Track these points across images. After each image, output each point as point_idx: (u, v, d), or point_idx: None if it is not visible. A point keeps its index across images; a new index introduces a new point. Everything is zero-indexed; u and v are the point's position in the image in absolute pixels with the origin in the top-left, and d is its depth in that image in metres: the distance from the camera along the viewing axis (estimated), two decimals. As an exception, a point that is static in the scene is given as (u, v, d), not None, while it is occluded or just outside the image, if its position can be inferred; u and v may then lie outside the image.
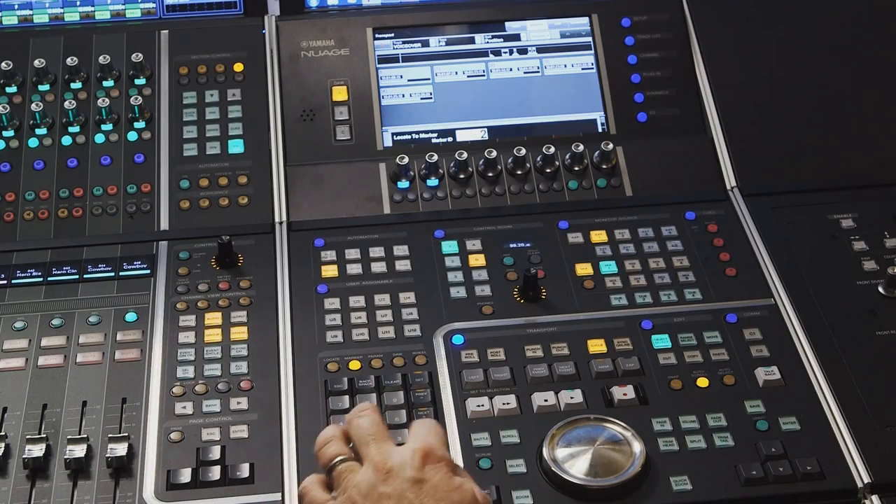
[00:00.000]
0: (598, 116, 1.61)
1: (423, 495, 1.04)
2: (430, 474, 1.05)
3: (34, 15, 1.67)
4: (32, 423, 1.26)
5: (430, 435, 1.10)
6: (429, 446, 1.07)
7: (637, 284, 1.43)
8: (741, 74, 1.63)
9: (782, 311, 1.39)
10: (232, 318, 1.38)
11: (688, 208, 1.52)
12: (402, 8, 1.70)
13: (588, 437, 1.21)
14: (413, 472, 1.05)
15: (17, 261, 1.44)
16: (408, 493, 1.04)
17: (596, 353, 1.34)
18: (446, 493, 1.05)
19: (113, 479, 1.21)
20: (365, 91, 1.60)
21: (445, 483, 1.05)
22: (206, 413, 1.27)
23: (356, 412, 1.13)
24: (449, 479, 1.06)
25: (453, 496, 1.05)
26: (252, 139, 1.57)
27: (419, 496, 1.04)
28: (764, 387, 1.30)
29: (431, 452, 1.07)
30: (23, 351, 1.33)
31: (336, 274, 1.44)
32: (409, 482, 1.05)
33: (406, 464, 1.06)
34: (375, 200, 1.53)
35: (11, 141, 1.55)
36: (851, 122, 1.60)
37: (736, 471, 1.21)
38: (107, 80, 1.59)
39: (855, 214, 1.50)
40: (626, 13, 1.66)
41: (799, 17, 1.68)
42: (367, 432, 1.11)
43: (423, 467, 1.05)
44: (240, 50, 1.64)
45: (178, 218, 1.50)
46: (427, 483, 1.05)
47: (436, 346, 1.35)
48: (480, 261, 1.46)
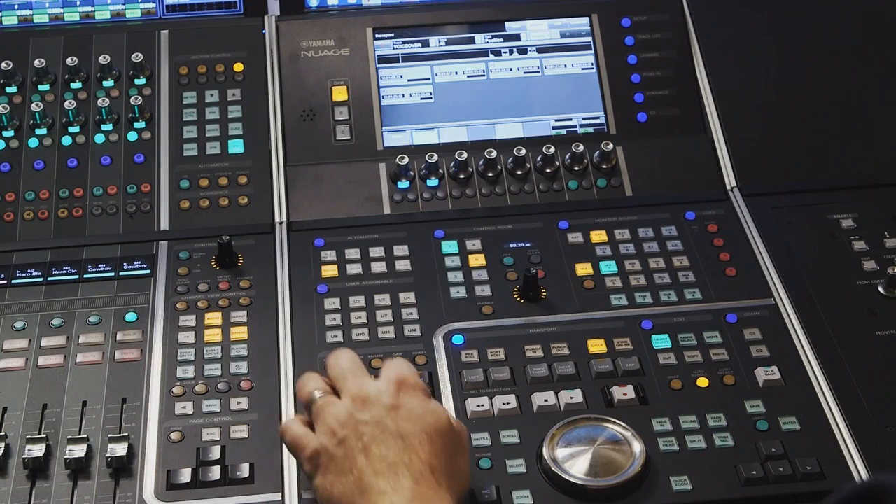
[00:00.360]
0: (599, 116, 1.61)
1: (400, 419, 1.09)
2: (406, 400, 1.11)
3: (34, 15, 1.67)
4: (32, 423, 1.26)
5: (403, 367, 1.16)
6: (403, 375, 1.13)
7: (637, 284, 1.43)
8: (741, 74, 1.63)
9: (782, 311, 1.39)
10: (232, 318, 1.38)
11: (688, 208, 1.52)
12: (402, 8, 1.70)
13: (588, 437, 1.21)
14: (389, 399, 1.11)
15: (17, 261, 1.44)
16: (385, 419, 1.09)
17: (596, 353, 1.34)
18: (421, 415, 1.10)
19: (113, 479, 1.21)
20: (365, 91, 1.60)
21: (420, 407, 1.11)
22: (206, 413, 1.27)
23: (333, 354, 1.19)
24: (424, 403, 1.12)
25: (428, 418, 1.10)
26: (252, 139, 1.57)
27: (395, 420, 1.09)
28: (764, 387, 1.30)
29: (406, 381, 1.13)
30: (23, 351, 1.33)
31: (336, 274, 1.44)
32: (386, 409, 1.10)
33: (382, 392, 1.11)
34: (375, 200, 1.53)
35: (11, 141, 1.55)
36: (851, 122, 1.60)
37: (736, 471, 1.21)
38: (107, 80, 1.60)
39: (855, 214, 1.50)
40: (626, 13, 1.66)
41: (799, 17, 1.68)
42: (344, 368, 1.16)
43: (398, 394, 1.11)
44: (240, 50, 1.64)
45: (178, 218, 1.50)
46: (403, 408, 1.10)
47: (436, 346, 1.35)
48: (480, 261, 1.46)
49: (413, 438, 1.08)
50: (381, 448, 1.07)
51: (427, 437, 1.08)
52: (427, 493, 1.05)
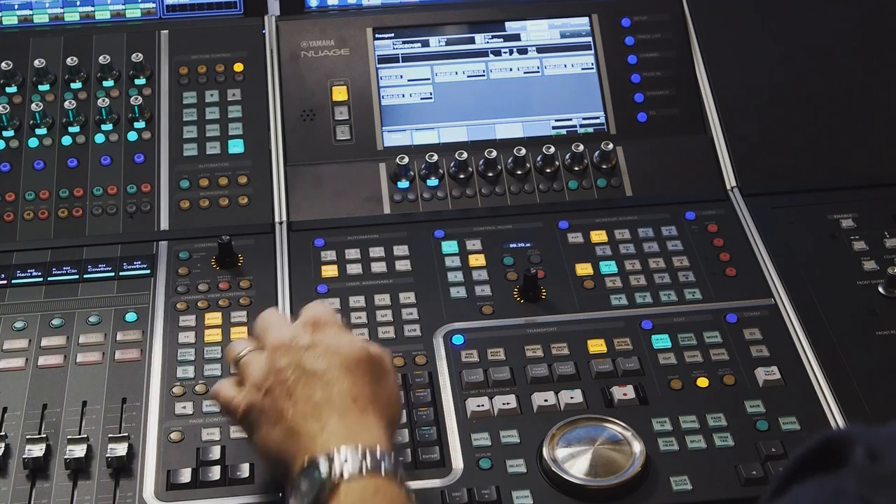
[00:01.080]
0: (599, 116, 1.61)
1: (316, 357, 1.10)
2: (320, 337, 1.12)
3: (34, 15, 1.67)
4: (32, 423, 1.26)
5: (319, 307, 1.17)
6: (316, 315, 1.15)
7: (637, 284, 1.43)
8: (741, 74, 1.63)
9: (782, 311, 1.39)
10: (232, 318, 1.38)
11: (688, 208, 1.52)
12: (402, 8, 1.70)
13: (588, 437, 1.21)
14: (305, 339, 1.11)
15: (17, 261, 1.44)
16: (302, 360, 1.10)
17: (596, 353, 1.34)
18: (336, 349, 1.11)
19: (113, 479, 1.21)
20: (365, 91, 1.60)
21: (334, 341, 1.12)
22: (206, 413, 1.27)
23: (259, 316, 1.20)
24: (338, 337, 1.12)
25: (343, 350, 1.11)
26: (252, 139, 1.57)
27: (312, 360, 1.10)
28: (764, 387, 1.30)
29: (319, 320, 1.14)
30: (23, 351, 1.33)
31: (336, 274, 1.44)
32: (303, 349, 1.11)
33: (297, 336, 1.12)
34: (375, 200, 1.53)
35: (11, 141, 1.55)
36: (851, 122, 1.60)
37: (736, 471, 1.21)
38: (107, 80, 1.60)
39: (855, 214, 1.50)
40: (626, 13, 1.66)
41: (799, 17, 1.68)
42: (267, 322, 1.18)
43: (313, 333, 1.12)
44: (240, 50, 1.64)
45: (178, 218, 1.50)
46: (318, 346, 1.11)
47: (436, 346, 1.35)
48: (480, 261, 1.46)
49: (331, 373, 1.09)
50: (304, 390, 1.08)
51: (345, 369, 1.09)
52: (353, 426, 1.06)
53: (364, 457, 1.02)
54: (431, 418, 1.26)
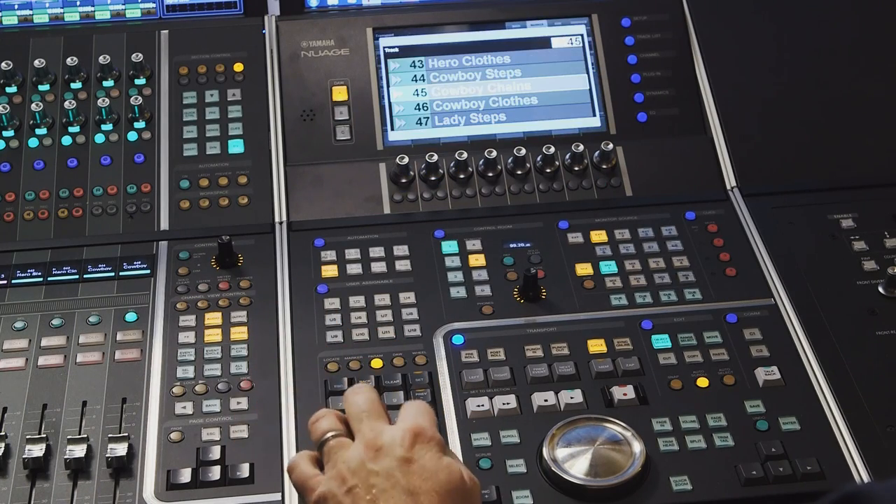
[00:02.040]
0: (598, 116, 1.61)
1: (411, 474, 1.04)
2: (420, 454, 1.06)
3: (34, 15, 1.67)
4: (32, 423, 1.26)
5: (421, 416, 1.10)
6: (419, 426, 1.07)
7: (637, 284, 1.43)
8: (741, 74, 1.63)
9: (782, 311, 1.39)
10: (232, 318, 1.38)
11: (688, 208, 1.52)
12: (402, 8, 1.70)
13: (588, 437, 1.21)
14: (403, 451, 1.05)
15: (17, 261, 1.44)
16: (396, 472, 1.04)
17: (596, 353, 1.34)
18: (433, 472, 1.05)
19: (113, 479, 1.21)
20: (365, 91, 1.60)
21: (434, 462, 1.05)
22: (206, 413, 1.27)
23: (352, 390, 1.14)
24: (437, 459, 1.06)
25: (440, 476, 1.05)
26: (252, 139, 1.57)
27: (406, 475, 1.04)
28: (764, 387, 1.30)
29: (422, 432, 1.07)
30: (23, 351, 1.33)
31: (336, 274, 1.44)
32: (398, 461, 1.05)
33: (396, 443, 1.06)
34: (375, 200, 1.53)
35: (11, 141, 1.55)
36: (851, 122, 1.60)
37: (736, 471, 1.21)
38: (107, 80, 1.60)
39: (855, 214, 1.50)
40: (626, 13, 1.66)
41: (799, 17, 1.68)
42: (361, 409, 1.11)
43: (412, 447, 1.06)
44: (240, 50, 1.64)
45: (178, 218, 1.50)
46: (415, 462, 1.05)
47: (436, 346, 1.35)
48: (480, 261, 1.46)
49: (423, 497, 1.03)
50: (388, 502, 1.03)
51: (438, 498, 1.04)
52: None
53: None
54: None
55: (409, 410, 1.11)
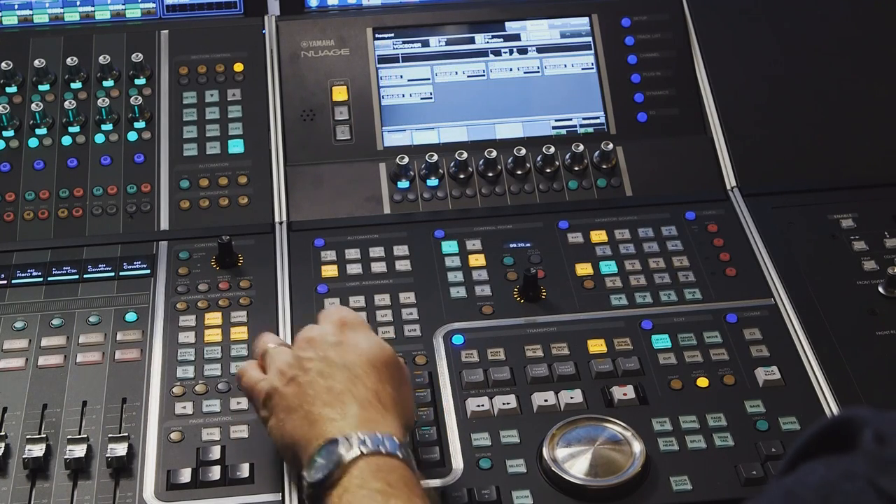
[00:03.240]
0: (599, 116, 1.61)
1: (345, 352, 1.13)
2: (350, 335, 1.15)
3: (34, 15, 1.67)
4: (32, 423, 1.26)
5: (343, 310, 1.20)
6: (344, 316, 1.18)
7: (637, 284, 1.43)
8: (741, 74, 1.63)
9: (782, 311, 1.39)
10: (232, 317, 1.38)
11: (688, 208, 1.52)
12: (402, 8, 1.70)
13: (588, 437, 1.21)
14: (333, 336, 1.15)
15: (17, 261, 1.44)
16: (330, 352, 1.13)
17: (596, 353, 1.34)
18: (366, 348, 1.14)
19: (113, 479, 1.21)
20: (365, 91, 1.60)
21: (365, 340, 1.15)
22: (206, 413, 1.27)
23: None
24: (368, 337, 1.16)
25: (374, 349, 1.14)
26: (252, 139, 1.57)
27: (341, 353, 1.13)
28: (764, 387, 1.30)
29: (347, 320, 1.17)
30: (23, 351, 1.33)
31: (336, 274, 1.44)
32: (330, 344, 1.14)
33: (326, 332, 1.16)
34: (375, 200, 1.53)
35: (11, 141, 1.55)
36: (851, 122, 1.60)
37: (736, 471, 1.21)
38: (107, 80, 1.60)
39: (855, 214, 1.50)
40: (626, 13, 1.66)
41: (799, 16, 1.68)
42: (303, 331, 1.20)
43: (341, 331, 1.15)
44: (240, 50, 1.64)
45: (178, 218, 1.50)
46: (347, 343, 1.15)
47: (436, 346, 1.35)
48: (480, 261, 1.46)
49: (358, 368, 1.12)
50: (327, 380, 1.11)
51: (372, 367, 1.12)
52: (374, 417, 1.08)
53: (382, 443, 1.05)
54: (431, 418, 1.26)
55: (330, 309, 1.21)
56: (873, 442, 0.74)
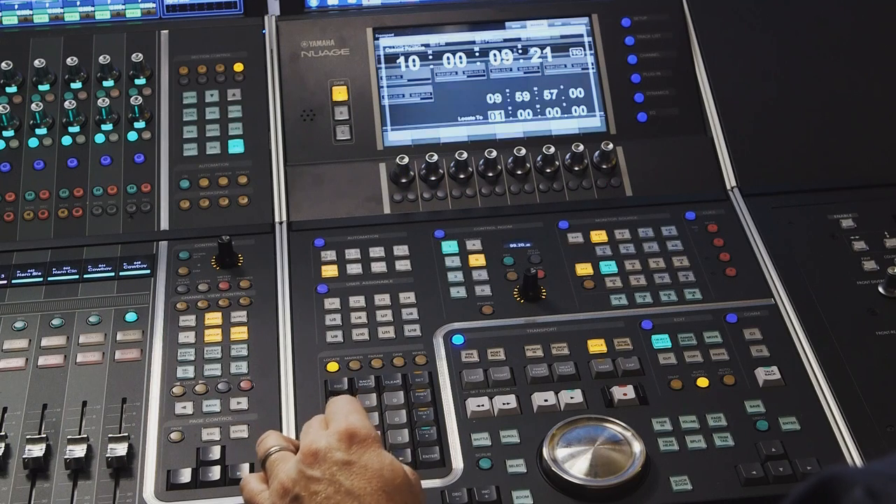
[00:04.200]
0: (599, 116, 1.61)
1: (353, 475, 1.04)
2: (359, 454, 1.05)
3: (34, 15, 1.67)
4: (32, 423, 1.26)
5: (352, 414, 1.09)
6: (353, 427, 1.07)
7: (637, 284, 1.43)
8: (741, 74, 1.63)
9: (782, 311, 1.39)
10: (232, 318, 1.38)
11: (688, 208, 1.52)
12: (402, 8, 1.70)
13: (588, 437, 1.21)
14: (341, 454, 1.05)
15: (17, 261, 1.44)
16: (337, 475, 1.04)
17: (596, 353, 1.34)
18: (377, 471, 1.04)
19: (113, 479, 1.21)
20: (365, 91, 1.60)
21: (375, 461, 1.05)
22: (206, 413, 1.27)
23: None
24: (378, 458, 1.05)
25: (384, 474, 1.04)
26: (252, 139, 1.57)
27: (349, 477, 1.04)
28: (764, 387, 1.30)
29: (356, 432, 1.06)
30: (23, 351, 1.33)
31: (336, 274, 1.44)
32: (338, 464, 1.04)
33: (333, 446, 1.05)
34: (375, 200, 1.53)
35: (11, 141, 1.55)
36: (851, 122, 1.60)
37: (736, 471, 1.21)
38: (107, 80, 1.60)
39: (855, 214, 1.50)
40: (626, 13, 1.66)
41: (799, 17, 1.68)
42: (309, 424, 1.11)
43: (350, 448, 1.05)
44: (240, 50, 1.64)
45: (178, 218, 1.50)
46: (356, 464, 1.04)
47: (436, 346, 1.35)
48: (480, 261, 1.46)
49: (370, 498, 1.03)
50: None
51: (385, 496, 1.03)
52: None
53: None
54: (431, 418, 1.26)
55: (337, 409, 1.11)
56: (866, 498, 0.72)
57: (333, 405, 1.12)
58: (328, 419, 1.10)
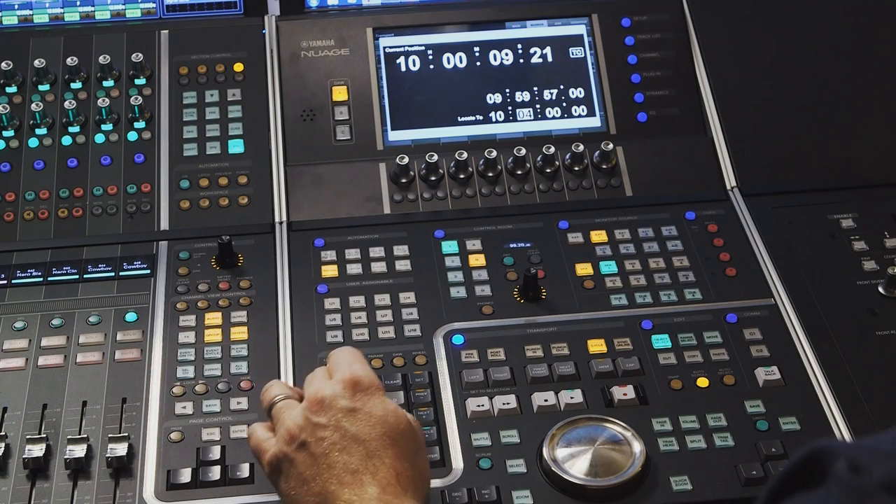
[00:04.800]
0: (598, 116, 1.61)
1: (358, 422, 1.07)
2: (363, 401, 1.09)
3: (34, 15, 1.67)
4: (32, 423, 1.26)
5: (355, 363, 1.13)
6: (357, 375, 1.10)
7: (637, 284, 1.43)
8: (741, 74, 1.63)
9: (782, 311, 1.39)
10: (232, 318, 1.38)
11: (688, 208, 1.52)
12: (402, 8, 1.70)
13: (588, 437, 1.21)
14: (346, 401, 1.08)
15: (17, 261, 1.44)
16: (343, 422, 1.07)
17: (596, 353, 1.34)
18: (381, 418, 1.08)
19: (113, 479, 1.21)
20: (365, 91, 1.60)
21: (379, 409, 1.08)
22: (206, 413, 1.27)
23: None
24: (382, 405, 1.09)
25: (388, 420, 1.08)
26: (252, 139, 1.57)
27: (354, 423, 1.07)
28: (764, 387, 1.30)
29: (360, 381, 1.10)
30: (23, 351, 1.33)
31: (336, 274, 1.44)
32: (343, 411, 1.07)
33: (338, 394, 1.09)
34: (375, 200, 1.53)
35: (11, 141, 1.55)
36: (851, 122, 1.60)
37: (736, 471, 1.21)
38: (107, 80, 1.60)
39: (855, 214, 1.50)
40: (626, 13, 1.66)
41: (799, 16, 1.68)
42: (313, 375, 1.14)
43: (354, 395, 1.09)
44: (240, 50, 1.64)
45: (178, 218, 1.50)
46: (361, 411, 1.08)
47: (436, 346, 1.35)
48: (480, 261, 1.46)
49: (375, 443, 1.06)
50: (343, 455, 1.05)
51: (390, 441, 1.06)
52: (392, 501, 1.03)
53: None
54: (431, 418, 1.26)
55: (340, 360, 1.14)
56: (848, 471, 0.73)
57: (337, 356, 1.15)
58: (331, 370, 1.14)
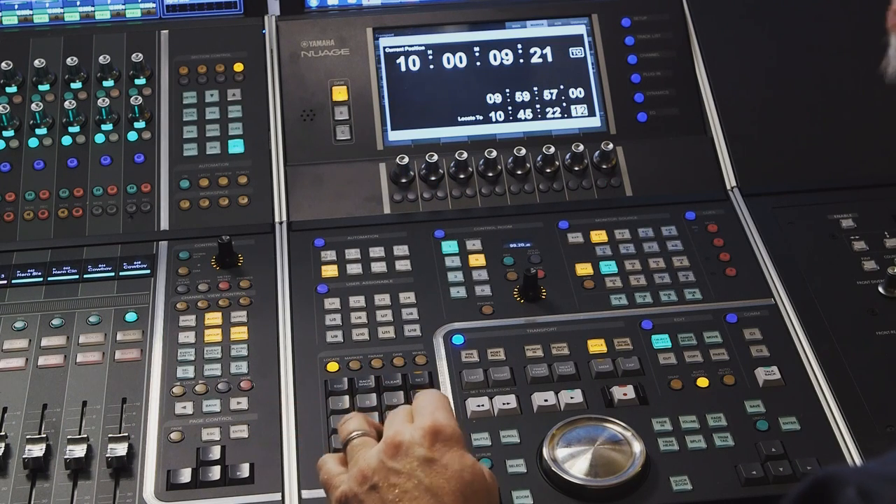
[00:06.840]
0: (598, 116, 1.61)
1: (434, 473, 1.03)
2: (441, 453, 1.05)
3: (34, 15, 1.67)
4: (32, 423, 1.26)
5: (438, 410, 1.08)
6: (438, 424, 1.06)
7: (637, 284, 1.43)
8: (741, 74, 1.63)
9: (782, 311, 1.39)
10: (232, 317, 1.38)
11: (688, 208, 1.52)
12: (402, 8, 1.70)
13: (588, 437, 1.21)
14: (424, 450, 1.04)
15: (17, 261, 1.44)
16: (418, 471, 1.03)
17: (596, 353, 1.34)
18: (457, 472, 1.04)
19: (113, 479, 1.21)
20: (365, 91, 1.60)
21: (457, 462, 1.05)
22: (206, 413, 1.27)
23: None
24: (460, 458, 1.05)
25: (464, 475, 1.04)
26: (252, 139, 1.57)
27: (429, 474, 1.03)
28: (764, 387, 1.30)
29: (441, 430, 1.06)
30: (23, 351, 1.33)
31: (336, 274, 1.44)
32: (420, 460, 1.04)
33: (416, 441, 1.05)
34: (375, 200, 1.53)
35: (11, 141, 1.55)
36: (851, 121, 1.60)
37: (736, 471, 1.21)
38: (107, 80, 1.60)
39: (855, 214, 1.50)
40: (626, 13, 1.66)
41: (799, 16, 1.68)
42: (399, 411, 1.11)
43: (433, 445, 1.05)
44: (240, 50, 1.64)
45: (178, 218, 1.50)
46: (438, 462, 1.04)
47: (436, 346, 1.35)
48: (480, 261, 1.46)
49: (447, 498, 1.02)
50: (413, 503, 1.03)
51: (462, 498, 1.03)
52: None
53: None
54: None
55: (425, 404, 1.10)
56: (858, 499, 0.72)
57: (422, 399, 1.11)
58: (414, 412, 1.10)
